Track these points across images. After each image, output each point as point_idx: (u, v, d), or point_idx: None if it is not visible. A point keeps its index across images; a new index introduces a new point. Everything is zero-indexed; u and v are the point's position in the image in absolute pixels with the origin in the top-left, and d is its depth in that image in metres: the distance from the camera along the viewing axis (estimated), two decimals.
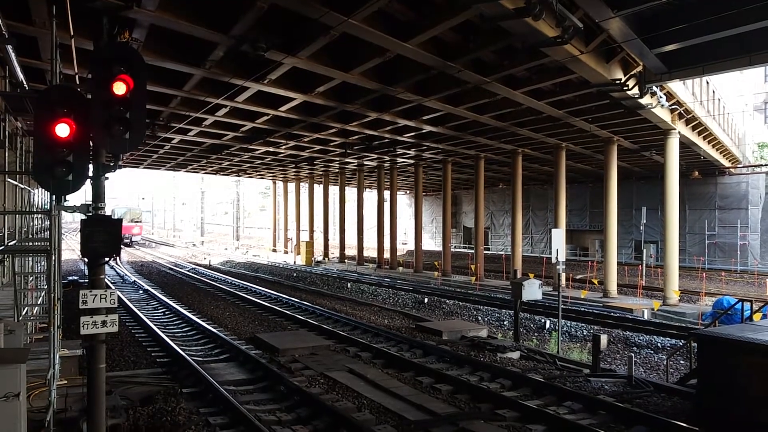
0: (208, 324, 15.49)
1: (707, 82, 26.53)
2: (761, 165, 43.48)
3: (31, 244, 12.82)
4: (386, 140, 28.39)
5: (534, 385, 10.14)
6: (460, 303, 22.27)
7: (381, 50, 13.94)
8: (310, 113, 21.79)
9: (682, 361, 14.10)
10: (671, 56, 15.62)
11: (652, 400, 9.62)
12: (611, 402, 9.08)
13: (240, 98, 18.72)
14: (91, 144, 5.84)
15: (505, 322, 19.11)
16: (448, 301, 22.54)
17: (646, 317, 20.73)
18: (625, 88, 16.58)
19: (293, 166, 41.69)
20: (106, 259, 6.04)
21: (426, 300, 22.96)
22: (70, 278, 24.05)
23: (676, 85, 20.24)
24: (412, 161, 37.62)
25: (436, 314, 20.77)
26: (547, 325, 18.17)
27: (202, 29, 12.35)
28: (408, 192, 64.84)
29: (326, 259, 46.12)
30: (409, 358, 12.11)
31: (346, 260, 44.85)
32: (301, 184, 54.77)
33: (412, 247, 45.10)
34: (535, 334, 17.90)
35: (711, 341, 8.44)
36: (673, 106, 21.45)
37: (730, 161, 38.13)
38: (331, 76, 16.04)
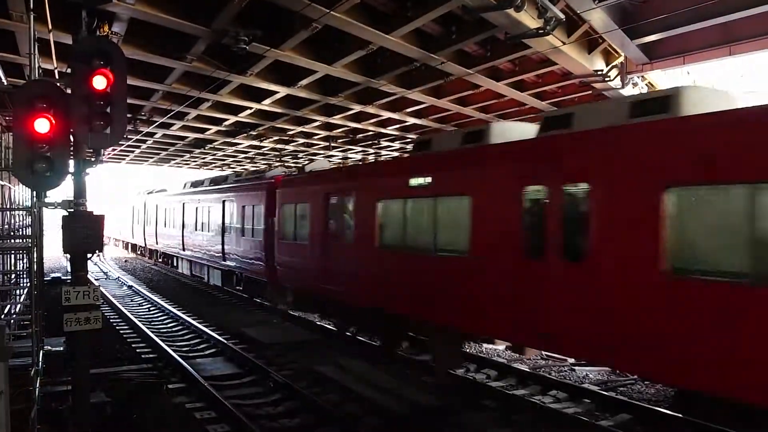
0: (193, 319, 15.40)
1: (688, 73, 26.71)
2: None
3: (12, 241, 12.64)
4: (370, 133, 28.32)
5: (519, 375, 10.24)
6: None
7: (364, 42, 13.87)
8: (294, 106, 21.64)
9: None
10: (652, 47, 15.74)
11: (636, 387, 9.75)
12: (596, 390, 9.21)
13: (223, 92, 18.53)
14: (72, 139, 5.78)
15: None
16: None
17: None
18: (607, 79, 16.66)
19: (278, 160, 41.44)
20: (89, 255, 6.00)
21: None
22: (53, 275, 23.75)
23: (657, 76, 20.34)
24: (396, 154, 37.56)
25: None
26: None
27: (182, 22, 12.20)
28: None
29: None
30: (397, 351, 12.14)
31: None
32: None
33: None
34: None
35: None
36: None
37: None
38: (314, 68, 15.94)
